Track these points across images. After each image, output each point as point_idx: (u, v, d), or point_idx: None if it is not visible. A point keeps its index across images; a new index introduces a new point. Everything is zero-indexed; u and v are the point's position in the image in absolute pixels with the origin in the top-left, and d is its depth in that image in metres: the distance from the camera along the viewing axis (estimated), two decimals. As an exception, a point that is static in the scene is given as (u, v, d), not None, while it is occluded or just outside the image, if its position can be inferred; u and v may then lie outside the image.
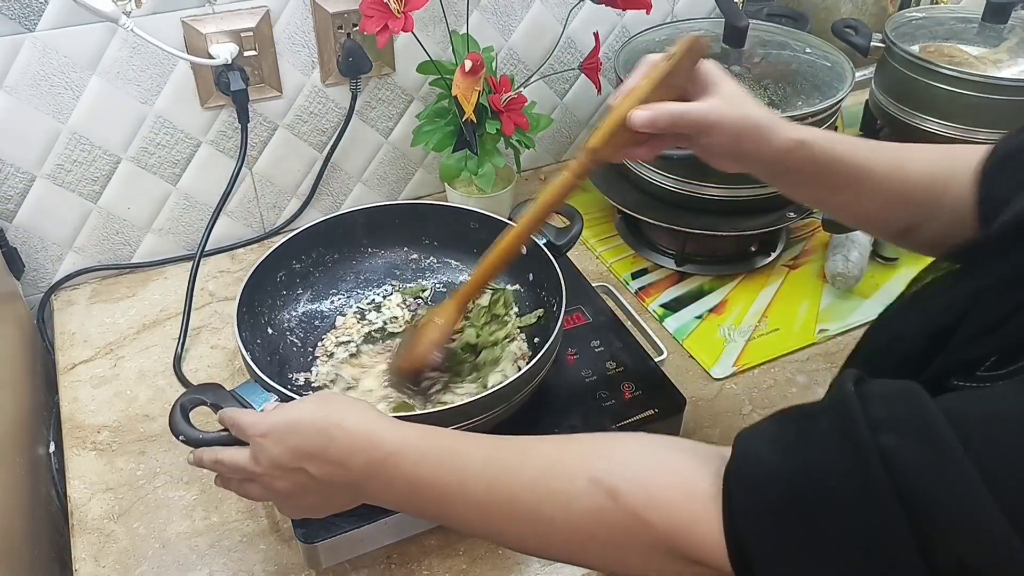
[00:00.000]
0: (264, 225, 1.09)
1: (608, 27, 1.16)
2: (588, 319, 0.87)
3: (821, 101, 0.94)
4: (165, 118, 0.95)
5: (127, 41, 0.88)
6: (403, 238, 0.89)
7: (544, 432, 0.73)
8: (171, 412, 0.63)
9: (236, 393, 0.65)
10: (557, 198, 0.65)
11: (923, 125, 1.12)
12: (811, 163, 0.61)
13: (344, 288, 0.87)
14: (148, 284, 1.02)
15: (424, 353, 0.72)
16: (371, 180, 1.13)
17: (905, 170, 0.62)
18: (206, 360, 0.92)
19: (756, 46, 1.05)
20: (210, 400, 0.65)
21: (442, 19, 1.02)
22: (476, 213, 0.87)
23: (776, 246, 1.06)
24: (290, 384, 0.77)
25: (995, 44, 1.14)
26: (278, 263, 0.82)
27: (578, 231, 0.84)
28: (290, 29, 0.96)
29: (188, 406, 0.64)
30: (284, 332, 0.81)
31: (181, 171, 1.00)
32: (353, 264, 0.88)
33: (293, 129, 1.03)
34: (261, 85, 0.97)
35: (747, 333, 0.94)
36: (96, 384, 0.89)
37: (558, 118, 1.21)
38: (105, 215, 0.99)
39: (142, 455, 0.81)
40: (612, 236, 1.09)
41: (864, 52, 1.16)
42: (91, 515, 0.75)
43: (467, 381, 0.75)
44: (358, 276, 0.88)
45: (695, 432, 0.83)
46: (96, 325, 0.96)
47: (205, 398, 0.65)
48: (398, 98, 1.07)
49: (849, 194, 0.63)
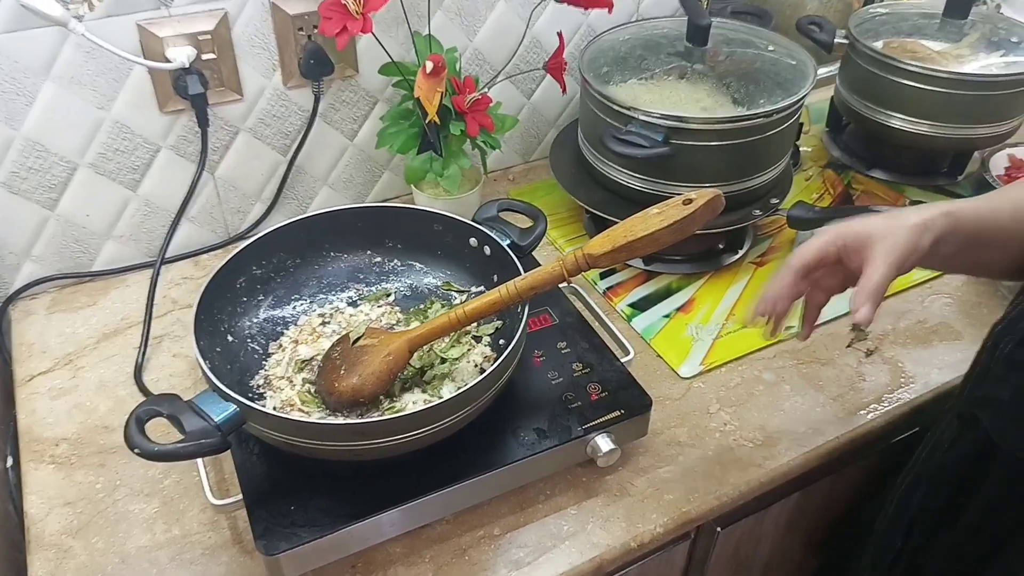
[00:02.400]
0: (228, 230, 1.08)
1: (574, 26, 1.16)
2: (555, 320, 0.86)
3: (784, 99, 0.94)
4: (123, 123, 0.94)
5: (80, 46, 0.86)
6: (366, 241, 0.88)
7: (510, 435, 0.74)
8: (126, 424, 0.62)
9: (194, 403, 0.64)
10: (541, 285, 0.69)
11: (887, 121, 1.13)
12: (958, 235, 0.63)
13: (306, 293, 0.86)
14: (109, 292, 1.00)
15: (365, 386, 0.70)
16: (337, 183, 1.12)
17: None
18: (168, 369, 0.90)
19: (720, 44, 1.05)
20: (166, 411, 0.64)
21: (405, 20, 1.01)
22: (439, 215, 0.86)
23: (743, 243, 1.06)
24: (250, 392, 0.76)
25: (957, 39, 1.15)
26: (238, 269, 0.80)
27: (541, 231, 0.83)
28: (249, 31, 0.95)
29: (144, 418, 0.63)
30: (245, 339, 0.80)
31: (141, 177, 0.98)
32: (315, 269, 0.87)
33: (255, 133, 1.02)
34: (221, 88, 0.96)
35: (714, 331, 0.94)
36: (55, 396, 0.87)
37: (525, 118, 1.20)
38: (63, 223, 0.97)
39: (102, 468, 0.79)
40: (580, 236, 1.09)
41: (828, 49, 1.17)
42: (48, 531, 0.74)
43: (416, 392, 0.75)
44: (320, 281, 0.87)
45: (663, 432, 0.83)
46: (55, 335, 0.94)
47: (161, 409, 0.64)
48: (362, 100, 1.06)
49: (996, 250, 0.65)
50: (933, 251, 0.62)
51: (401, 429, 0.65)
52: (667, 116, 0.91)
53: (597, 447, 0.75)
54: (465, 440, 0.71)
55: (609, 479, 0.79)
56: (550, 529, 0.74)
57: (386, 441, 0.65)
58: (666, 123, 0.91)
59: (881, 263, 0.60)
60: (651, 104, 0.96)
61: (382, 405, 0.73)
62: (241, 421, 0.65)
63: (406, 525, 0.71)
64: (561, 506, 0.76)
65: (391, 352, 0.71)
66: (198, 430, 0.62)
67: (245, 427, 0.65)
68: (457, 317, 0.71)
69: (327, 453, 0.67)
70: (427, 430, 0.66)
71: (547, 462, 0.74)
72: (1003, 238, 0.65)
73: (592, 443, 0.75)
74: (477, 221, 0.84)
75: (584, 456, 0.76)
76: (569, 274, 0.68)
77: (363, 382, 0.70)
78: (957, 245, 0.63)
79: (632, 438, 0.79)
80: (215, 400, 0.65)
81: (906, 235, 0.61)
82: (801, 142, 1.23)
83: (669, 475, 0.79)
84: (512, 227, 0.84)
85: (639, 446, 0.81)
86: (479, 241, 0.84)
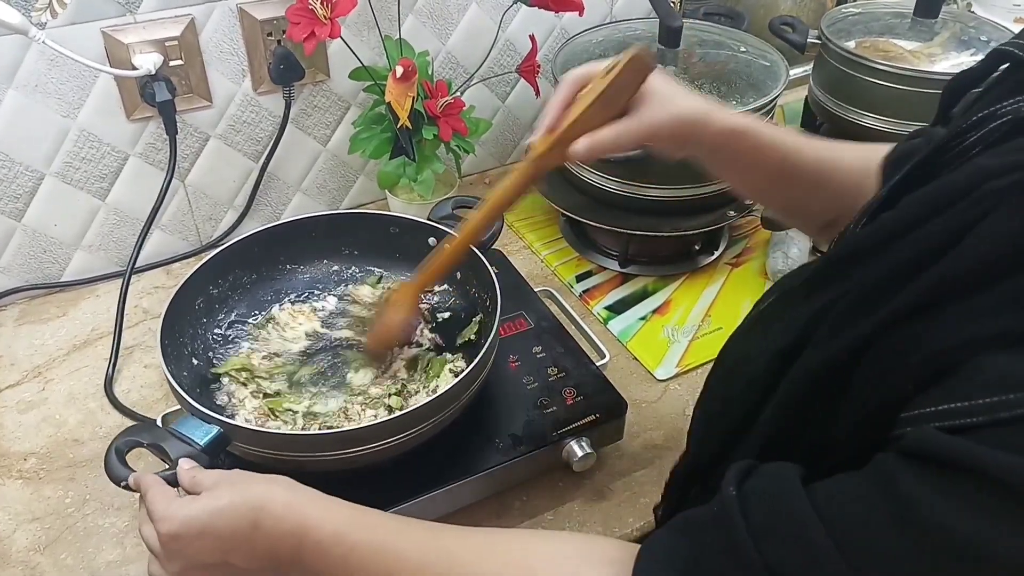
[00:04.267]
0: (201, 238, 1.07)
1: (547, 29, 1.15)
2: (530, 324, 0.86)
3: (756, 100, 0.94)
4: (89, 131, 0.92)
5: (44, 53, 0.85)
6: (321, 250, 0.87)
7: (485, 441, 0.73)
8: (107, 458, 0.61)
9: (174, 430, 0.63)
10: (503, 204, 0.65)
11: (860, 120, 1.13)
12: (750, 151, 0.62)
13: (266, 307, 0.84)
14: (79, 303, 0.99)
15: (381, 336, 0.75)
16: (311, 189, 1.11)
17: (836, 161, 0.64)
18: (139, 380, 0.89)
19: (693, 46, 1.05)
20: (147, 441, 0.63)
21: (375, 24, 1.00)
22: (394, 217, 0.85)
23: (718, 245, 1.06)
24: (221, 411, 0.74)
25: (928, 38, 1.15)
26: (194, 291, 0.78)
27: (499, 226, 0.82)
28: (217, 37, 0.93)
29: (124, 449, 0.62)
30: (210, 360, 0.78)
31: (109, 185, 0.97)
32: (273, 283, 0.85)
33: (226, 139, 1.01)
34: (189, 95, 0.95)
35: (691, 333, 0.94)
36: (23, 409, 0.85)
37: (500, 121, 1.20)
38: (31, 233, 0.95)
39: (71, 481, 0.78)
40: (556, 239, 1.09)
41: (801, 49, 1.17)
42: (16, 547, 0.72)
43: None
44: (279, 294, 0.85)
45: (639, 435, 0.83)
46: (24, 347, 0.93)
47: (141, 439, 0.63)
48: (335, 105, 1.06)
49: (784, 184, 0.64)
50: (718, 152, 0.62)
51: (373, 438, 0.64)
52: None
53: (573, 452, 0.74)
54: (440, 447, 0.71)
55: (586, 483, 0.78)
56: (526, 535, 0.74)
57: (375, 447, 0.65)
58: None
59: (635, 125, 0.59)
60: (624, 106, 0.95)
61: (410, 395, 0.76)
62: (227, 441, 0.64)
63: (381, 534, 0.70)
64: (538, 511, 0.76)
65: (399, 301, 0.73)
66: (184, 456, 0.61)
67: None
68: (454, 247, 0.69)
69: (310, 464, 0.66)
70: (399, 438, 0.65)
71: (523, 468, 0.74)
72: (790, 167, 0.63)
73: (568, 448, 0.75)
74: (433, 220, 0.83)
75: (560, 461, 0.75)
76: (528, 184, 0.63)
77: (379, 333, 0.75)
78: (749, 157, 0.62)
79: (608, 442, 0.79)
80: (196, 424, 0.63)
81: (679, 115, 0.59)
82: (776, 142, 1.23)
83: (646, 478, 0.79)
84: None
85: (616, 449, 0.81)
86: (438, 240, 0.83)
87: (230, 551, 0.52)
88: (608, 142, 0.59)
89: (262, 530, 0.51)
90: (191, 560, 0.53)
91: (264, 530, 0.51)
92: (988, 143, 0.42)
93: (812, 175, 0.64)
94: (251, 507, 0.52)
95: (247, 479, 0.55)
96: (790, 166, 0.63)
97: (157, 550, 0.54)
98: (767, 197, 0.69)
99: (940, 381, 0.36)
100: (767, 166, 0.63)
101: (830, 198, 0.64)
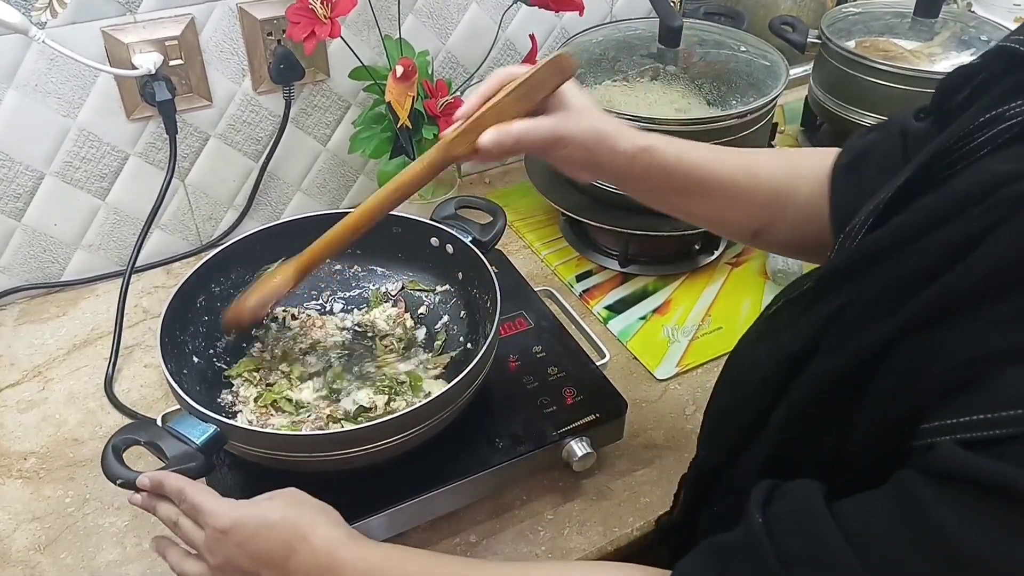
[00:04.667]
0: (201, 237, 1.07)
1: (547, 29, 1.15)
2: (530, 324, 0.86)
3: (756, 99, 0.94)
4: (89, 131, 0.92)
5: (44, 53, 0.85)
6: None
7: (485, 441, 0.73)
8: (103, 456, 0.61)
9: (172, 429, 0.63)
10: (404, 189, 0.64)
11: (860, 120, 1.13)
12: (658, 168, 0.62)
13: (272, 305, 0.85)
14: (79, 303, 0.99)
15: (244, 304, 0.72)
16: (311, 188, 1.11)
17: (752, 173, 0.65)
18: (139, 380, 0.89)
19: (693, 45, 1.05)
20: (144, 439, 0.63)
21: (375, 24, 1.00)
22: (397, 217, 0.85)
23: (718, 244, 1.06)
24: (222, 411, 0.74)
25: (928, 38, 1.15)
26: (195, 290, 0.78)
27: (502, 226, 0.82)
28: (217, 36, 0.93)
29: (121, 447, 0.62)
30: (211, 359, 0.78)
31: (109, 185, 0.97)
32: None
33: (226, 139, 1.01)
34: (190, 95, 0.95)
35: (691, 332, 0.94)
36: (23, 409, 0.85)
37: (501, 121, 1.20)
38: (31, 232, 0.95)
39: (71, 481, 0.78)
40: (556, 239, 1.09)
41: (801, 49, 1.17)
42: (15, 547, 0.72)
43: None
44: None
45: (639, 435, 0.83)
46: (24, 347, 0.93)
47: (138, 437, 0.63)
48: (335, 104, 1.05)
49: (697, 197, 0.65)
50: (628, 171, 0.62)
51: (370, 437, 0.64)
52: (641, 118, 0.91)
53: (573, 451, 0.74)
54: (440, 447, 0.71)
55: (586, 483, 0.78)
56: (527, 535, 0.74)
57: (375, 447, 0.65)
58: (640, 125, 0.91)
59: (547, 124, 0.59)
60: (625, 106, 0.96)
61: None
62: (223, 440, 0.64)
63: (381, 533, 0.70)
64: (538, 511, 0.76)
65: (277, 274, 0.72)
66: (180, 454, 0.61)
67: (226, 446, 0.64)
68: (337, 232, 0.68)
69: (308, 465, 0.66)
70: (399, 438, 0.65)
71: (523, 467, 0.74)
72: (702, 182, 0.64)
73: (568, 447, 0.74)
74: (436, 220, 0.83)
75: (560, 461, 0.75)
76: (435, 170, 0.63)
77: (243, 301, 0.72)
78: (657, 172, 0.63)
79: (608, 441, 0.79)
80: (193, 423, 0.63)
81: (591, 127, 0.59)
82: (776, 142, 1.23)
83: (646, 478, 0.79)
84: (472, 224, 0.83)
85: (616, 449, 0.81)
86: (440, 240, 0.83)
87: (263, 567, 0.53)
88: (516, 134, 0.59)
89: (296, 559, 0.53)
90: (231, 559, 0.54)
91: (297, 559, 0.53)
92: (997, 145, 0.41)
93: (727, 188, 0.64)
94: (293, 533, 0.53)
95: (302, 502, 0.57)
96: (701, 180, 0.64)
97: (200, 542, 0.55)
98: (684, 212, 0.69)
99: (963, 392, 0.35)
100: (676, 181, 0.64)
101: (750, 209, 0.65)
